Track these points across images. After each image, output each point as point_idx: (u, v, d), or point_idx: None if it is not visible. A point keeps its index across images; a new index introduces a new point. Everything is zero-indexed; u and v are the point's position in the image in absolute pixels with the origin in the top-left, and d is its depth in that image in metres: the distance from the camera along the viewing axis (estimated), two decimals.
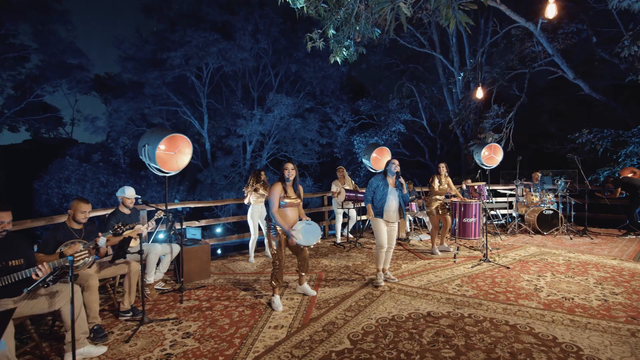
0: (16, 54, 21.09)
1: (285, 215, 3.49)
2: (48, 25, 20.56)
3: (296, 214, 3.60)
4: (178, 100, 21.72)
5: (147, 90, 21.36)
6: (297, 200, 3.60)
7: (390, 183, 4.15)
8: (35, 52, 21.48)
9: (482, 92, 7.58)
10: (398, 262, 5.09)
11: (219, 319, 3.30)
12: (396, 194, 4.11)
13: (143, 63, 21.94)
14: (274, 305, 3.44)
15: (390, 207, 4.07)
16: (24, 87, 21.68)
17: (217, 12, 21.39)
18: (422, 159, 20.44)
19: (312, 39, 7.04)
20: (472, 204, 5.00)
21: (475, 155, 8.08)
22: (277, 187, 3.48)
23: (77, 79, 22.96)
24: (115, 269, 3.46)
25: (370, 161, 7.53)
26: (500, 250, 5.61)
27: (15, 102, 21.44)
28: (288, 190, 3.55)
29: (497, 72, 11.00)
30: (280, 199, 3.47)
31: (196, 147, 24.72)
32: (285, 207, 3.49)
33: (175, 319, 3.35)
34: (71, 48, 22.00)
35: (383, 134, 18.34)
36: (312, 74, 22.30)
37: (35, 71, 21.82)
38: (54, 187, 17.89)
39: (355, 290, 3.92)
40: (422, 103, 17.85)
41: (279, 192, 3.48)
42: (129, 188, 4.08)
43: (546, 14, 4.61)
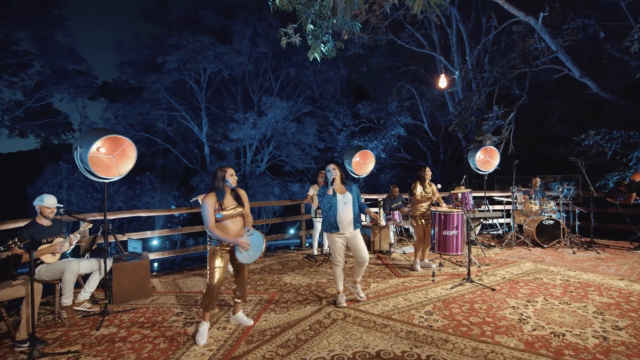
0: (17, 60, 21.16)
1: (227, 229, 2.94)
2: (47, 30, 20.60)
3: (238, 224, 3.03)
4: (178, 105, 21.49)
5: (146, 95, 21.20)
6: (239, 209, 3.03)
7: (337, 190, 3.61)
8: (36, 58, 21.53)
9: (445, 80, 6.93)
10: (368, 280, 4.45)
11: (125, 354, 2.73)
12: (350, 199, 3.60)
13: (142, 67, 21.86)
14: (197, 337, 2.86)
15: (343, 217, 3.54)
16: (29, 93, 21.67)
17: (214, 16, 21.20)
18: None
19: (286, 34, 6.53)
20: (453, 214, 4.35)
21: (470, 160, 7.41)
22: (208, 200, 2.89)
23: (78, 84, 22.89)
24: (10, 291, 2.92)
25: (352, 166, 6.93)
26: (490, 267, 4.91)
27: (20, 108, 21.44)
28: (225, 200, 2.98)
29: (498, 71, 10.30)
30: (216, 211, 2.90)
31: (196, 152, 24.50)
32: (223, 220, 2.93)
33: (75, 352, 2.79)
34: (71, 54, 22.02)
35: (383, 138, 17.71)
36: (312, 77, 21.87)
37: (38, 77, 21.85)
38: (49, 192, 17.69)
39: (303, 318, 3.30)
40: (423, 106, 17.17)
41: (212, 205, 2.89)
42: (48, 196, 3.56)
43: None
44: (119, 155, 4.47)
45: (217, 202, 2.92)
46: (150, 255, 4.65)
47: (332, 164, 3.66)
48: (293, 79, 22.73)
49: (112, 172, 4.39)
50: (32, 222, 3.50)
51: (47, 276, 3.45)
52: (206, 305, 2.91)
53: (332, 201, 3.53)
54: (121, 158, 4.54)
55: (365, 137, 18.30)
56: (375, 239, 6.17)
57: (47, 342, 2.98)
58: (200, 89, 21.73)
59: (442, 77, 6.74)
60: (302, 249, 6.75)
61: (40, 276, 3.46)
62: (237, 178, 3.03)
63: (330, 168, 3.62)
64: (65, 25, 21.77)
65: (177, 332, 3.10)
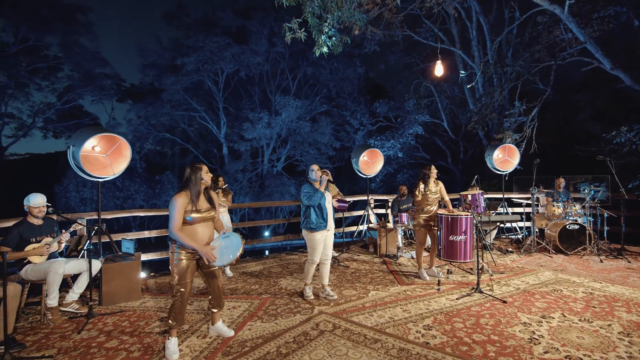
0: (47, 64, 22.07)
1: (195, 234, 2.68)
2: (74, 36, 21.40)
3: (210, 229, 2.81)
4: (197, 105, 21.82)
5: (165, 96, 21.65)
6: (211, 212, 2.80)
7: (321, 188, 3.75)
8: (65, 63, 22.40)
9: (441, 67, 6.39)
10: (368, 287, 4.17)
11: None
12: (329, 197, 3.83)
13: (162, 69, 22.33)
14: (168, 353, 2.63)
15: (329, 214, 3.79)
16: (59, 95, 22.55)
17: (232, 17, 21.37)
18: (445, 164, 19.01)
19: (291, 29, 6.34)
20: (461, 217, 3.99)
21: (487, 159, 6.98)
22: (179, 198, 2.64)
23: (104, 86, 23.63)
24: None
25: (360, 165, 6.65)
26: (504, 276, 4.50)
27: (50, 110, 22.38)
28: (199, 201, 2.75)
29: (521, 65, 9.67)
30: (186, 213, 2.65)
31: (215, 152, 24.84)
32: (193, 224, 2.69)
33: (49, 357, 2.69)
34: (97, 57, 22.79)
35: (400, 137, 17.21)
36: (329, 76, 21.65)
37: (67, 81, 22.71)
38: (72, 190, 18.41)
39: (290, 328, 3.07)
40: (442, 103, 16.54)
41: (183, 205, 2.64)
42: (36, 195, 3.51)
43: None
44: (114, 154, 4.42)
45: (189, 202, 2.69)
46: (144, 256, 4.57)
47: (316, 165, 3.79)
48: (310, 78, 22.58)
49: (106, 171, 4.34)
50: (22, 221, 3.46)
51: (34, 276, 3.40)
52: (173, 319, 2.65)
53: (323, 198, 3.67)
54: (117, 157, 4.48)
55: (382, 136, 17.86)
56: (382, 242, 5.86)
57: (25, 345, 2.90)
58: (219, 89, 21.97)
59: (438, 63, 6.26)
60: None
61: (27, 276, 3.42)
62: (207, 178, 2.77)
63: (315, 168, 3.76)
64: (91, 30, 22.60)
65: (156, 339, 2.95)
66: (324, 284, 3.88)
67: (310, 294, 3.82)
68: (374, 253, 6.03)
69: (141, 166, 22.48)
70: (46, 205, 3.56)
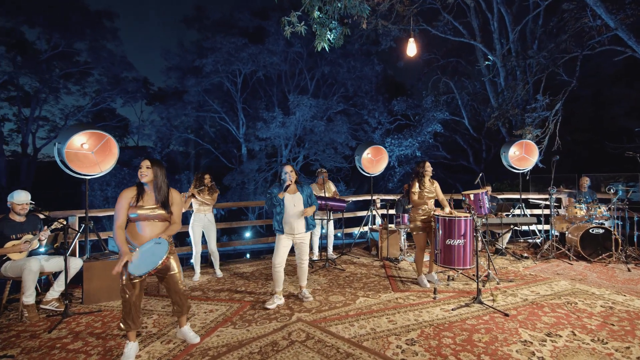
0: (78, 69, 23.10)
1: (136, 234, 2.51)
2: (101, 41, 22.27)
3: (158, 232, 2.56)
4: (217, 106, 22.15)
5: (187, 98, 22.10)
6: (160, 211, 2.56)
7: (289, 189, 3.52)
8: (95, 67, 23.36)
9: (414, 45, 5.78)
10: (358, 293, 3.87)
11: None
12: (300, 200, 3.53)
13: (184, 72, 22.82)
14: (122, 358, 2.47)
15: (290, 218, 3.48)
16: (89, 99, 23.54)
17: (249, 18, 21.52)
18: (466, 163, 18.22)
19: (290, 23, 6.14)
20: (459, 219, 3.61)
21: (503, 156, 6.49)
22: (125, 193, 2.51)
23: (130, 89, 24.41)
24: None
25: (363, 163, 6.35)
26: (512, 284, 4.07)
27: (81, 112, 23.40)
28: (145, 196, 2.56)
29: (545, 56, 8.98)
30: (131, 209, 2.50)
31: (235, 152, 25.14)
32: (138, 221, 2.52)
33: (10, 357, 2.61)
34: (123, 61, 23.60)
35: (418, 135, 16.65)
36: (346, 74, 21.35)
37: (97, 85, 23.66)
38: (96, 189, 19.14)
39: (260, 336, 2.85)
40: (463, 100, 15.81)
41: (127, 200, 2.49)
42: (19, 192, 3.49)
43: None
44: (101, 152, 4.37)
45: (134, 197, 2.51)
46: None
47: (289, 166, 3.52)
48: (329, 78, 22.36)
49: (94, 169, 4.31)
50: (3, 218, 3.46)
51: (12, 273, 3.37)
52: (124, 323, 2.49)
53: (278, 202, 3.46)
54: (106, 154, 4.44)
55: (400, 134, 17.34)
56: (383, 245, 5.52)
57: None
58: (237, 90, 22.19)
59: (411, 42, 5.77)
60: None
61: (6, 273, 3.40)
62: (147, 173, 2.54)
63: (288, 170, 3.48)
64: (117, 35, 23.45)
65: (119, 342, 2.81)
66: (301, 285, 3.73)
67: (272, 304, 3.47)
68: (376, 256, 5.71)
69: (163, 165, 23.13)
70: (29, 203, 3.54)
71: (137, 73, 24.76)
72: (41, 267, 3.47)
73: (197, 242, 4.59)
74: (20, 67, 20.16)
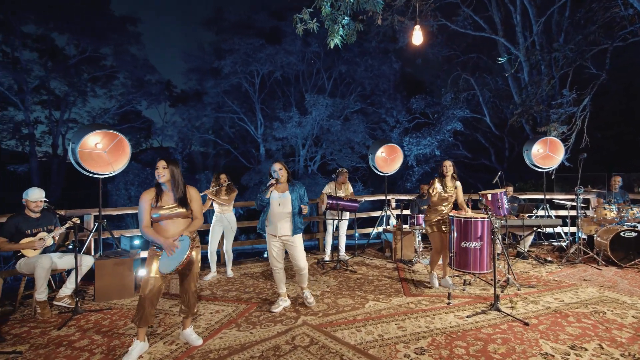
0: (104, 73, 23.92)
1: (163, 232, 2.57)
2: (124, 46, 22.98)
3: (181, 227, 2.62)
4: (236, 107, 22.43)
5: (207, 99, 22.49)
6: (178, 209, 2.60)
7: (278, 188, 3.30)
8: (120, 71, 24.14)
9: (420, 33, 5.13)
10: (368, 297, 3.74)
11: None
12: (287, 200, 3.28)
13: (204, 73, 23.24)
14: (125, 356, 2.46)
15: (274, 217, 3.29)
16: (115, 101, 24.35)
17: (266, 19, 21.64)
18: (488, 162, 17.61)
19: (302, 21, 6.08)
20: (475, 220, 3.41)
21: (525, 154, 6.18)
22: (145, 195, 2.58)
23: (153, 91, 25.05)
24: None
25: (376, 162, 6.19)
26: (534, 291, 3.82)
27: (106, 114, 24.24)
28: (164, 196, 2.60)
29: (572, 49, 8.50)
30: (152, 210, 2.54)
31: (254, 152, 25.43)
32: (161, 220, 2.56)
33: (18, 353, 2.65)
34: (146, 65, 24.27)
35: (437, 134, 16.23)
36: (364, 73, 21.11)
37: (121, 88, 24.43)
38: (121, 188, 19.81)
39: (263, 340, 2.77)
40: (484, 97, 15.27)
41: (148, 201, 2.55)
42: (33, 190, 3.57)
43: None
44: (114, 151, 4.43)
45: (154, 198, 2.56)
46: (144, 253, 4.55)
47: (278, 163, 3.30)
48: (346, 77, 22.19)
49: (106, 168, 4.37)
50: (18, 213, 3.55)
51: (26, 270, 3.46)
52: (137, 320, 2.50)
53: (265, 201, 3.27)
54: (119, 154, 4.50)
55: (418, 133, 16.96)
56: (397, 246, 5.35)
57: (4, 339, 2.92)
58: (255, 91, 22.39)
59: (417, 29, 5.39)
60: (319, 252, 6.18)
61: (21, 269, 3.49)
62: (162, 172, 2.56)
63: (277, 168, 3.26)
64: (140, 39, 24.12)
65: (124, 341, 2.81)
66: (302, 287, 3.55)
67: (278, 307, 3.36)
68: (389, 258, 5.54)
69: (183, 166, 23.66)
70: (43, 200, 3.62)
71: (160, 76, 25.41)
72: (54, 264, 3.54)
73: (214, 241, 4.61)
74: (50, 72, 21.10)
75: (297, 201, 3.29)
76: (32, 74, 20.85)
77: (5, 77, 19.81)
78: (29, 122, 21.24)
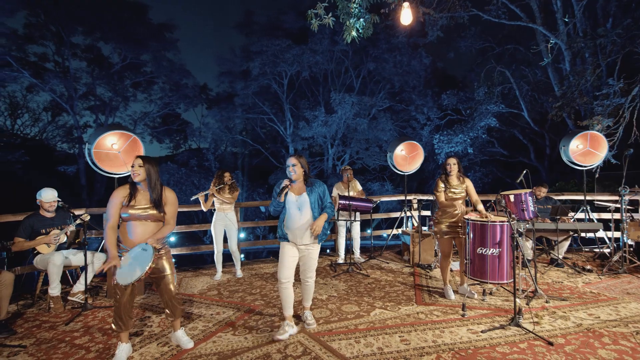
0: (144, 79, 25.21)
1: (127, 234, 2.46)
2: (162, 52, 24.06)
3: (150, 232, 2.49)
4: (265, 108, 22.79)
5: (237, 100, 23.02)
6: (152, 211, 2.49)
7: (294, 190, 2.84)
8: (159, 76, 25.29)
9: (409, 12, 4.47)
10: (375, 303, 3.51)
11: (51, 358, 2.55)
12: (306, 202, 2.81)
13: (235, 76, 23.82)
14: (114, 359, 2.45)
15: (292, 224, 2.81)
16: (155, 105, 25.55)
17: (294, 19, 21.73)
18: (526, 160, 16.46)
19: (317, 16, 5.96)
20: (493, 224, 3.07)
21: (563, 151, 5.64)
22: (117, 192, 2.47)
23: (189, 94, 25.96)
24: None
25: (395, 160, 5.92)
26: (566, 304, 3.39)
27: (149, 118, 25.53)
28: (138, 195, 2.50)
29: (621, 34, 7.65)
30: (123, 208, 2.45)
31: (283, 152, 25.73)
32: (130, 220, 2.46)
33: (22, 347, 2.74)
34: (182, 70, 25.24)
35: (470, 131, 15.42)
36: (393, 70, 20.60)
37: (160, 92, 25.59)
38: None
39: (255, 347, 2.66)
40: (521, 90, 14.26)
41: (119, 199, 2.45)
42: (47, 190, 3.71)
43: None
44: (129, 151, 4.54)
45: (127, 197, 2.46)
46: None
47: (294, 157, 2.81)
48: (375, 75, 21.78)
49: (121, 168, 4.49)
50: (34, 214, 3.71)
51: (41, 266, 3.60)
52: (116, 324, 2.47)
53: (280, 205, 2.83)
54: (134, 155, 4.61)
55: (450, 130, 16.20)
56: (415, 250, 5.04)
57: (15, 332, 3.03)
58: (283, 91, 22.61)
59: (405, 7, 4.82)
60: (335, 254, 6.00)
61: (37, 265, 3.64)
62: (137, 171, 2.46)
63: (291, 163, 2.79)
64: (176, 45, 25.16)
65: None
66: (305, 306, 3.08)
67: (284, 334, 2.75)
68: (407, 261, 5.25)
69: (215, 166, 24.41)
70: (57, 200, 3.76)
71: (195, 80, 26.35)
72: (67, 261, 3.67)
73: (218, 241, 4.56)
74: (96, 79, 22.58)
75: (317, 203, 2.83)
76: (80, 81, 22.44)
77: (57, 86, 21.48)
78: (78, 126, 22.87)
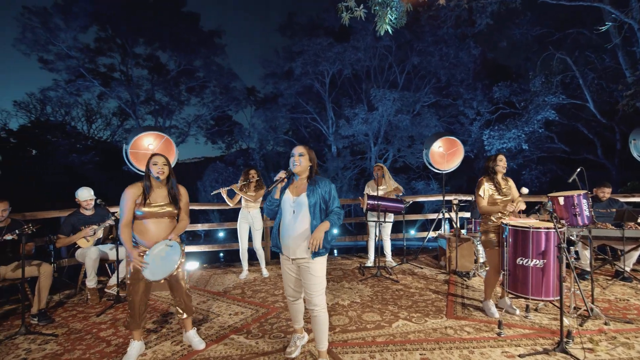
0: (197, 83, 26.66)
1: (145, 231, 2.45)
2: (211, 57, 25.26)
3: (165, 229, 2.48)
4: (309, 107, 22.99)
5: (281, 101, 23.48)
6: (168, 208, 2.49)
7: (292, 190, 2.31)
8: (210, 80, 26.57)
9: None
10: (400, 314, 3.24)
11: (75, 349, 2.68)
12: (304, 204, 2.23)
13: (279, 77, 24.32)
14: (125, 356, 2.48)
15: (286, 231, 2.27)
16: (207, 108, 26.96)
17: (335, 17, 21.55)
18: (592, 157, 14.69)
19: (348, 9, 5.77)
20: (538, 231, 2.64)
21: (632, 145, 4.89)
22: (130, 190, 2.44)
23: (237, 97, 26.94)
24: (28, 270, 3.29)
25: (431, 157, 5.53)
26: (630, 328, 2.85)
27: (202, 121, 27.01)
28: (153, 193, 2.49)
29: None
30: (137, 206, 2.44)
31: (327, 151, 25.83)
32: (145, 218, 2.45)
33: (54, 336, 2.92)
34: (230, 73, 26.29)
35: (525, 125, 14.13)
36: (439, 63, 19.60)
37: (211, 95, 26.87)
38: (208, 186, 21.98)
39: (263, 353, 2.56)
40: (585, 79, 12.70)
41: (133, 197, 2.41)
42: (83, 190, 3.97)
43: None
44: (162, 151, 4.70)
45: (141, 194, 2.45)
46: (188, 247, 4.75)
47: (302, 146, 2.31)
48: (420, 69, 20.91)
49: None
50: (74, 212, 3.98)
51: (81, 259, 3.85)
52: (128, 324, 2.50)
53: (274, 204, 2.32)
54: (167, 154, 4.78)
55: (502, 125, 14.97)
56: (452, 255, 4.64)
57: (53, 320, 3.26)
58: (325, 90, 22.62)
59: None
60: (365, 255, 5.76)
61: (78, 258, 3.91)
62: (162, 169, 2.46)
63: (297, 152, 2.28)
64: (224, 50, 26.26)
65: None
66: (319, 350, 2.33)
67: (295, 351, 2.50)
68: (444, 268, 4.86)
69: (260, 165, 25.18)
70: (93, 198, 4.00)
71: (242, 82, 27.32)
72: (104, 254, 3.89)
73: (243, 239, 4.58)
74: (155, 85, 24.42)
75: (318, 207, 2.23)
76: (142, 88, 24.43)
77: (122, 93, 23.61)
78: None
